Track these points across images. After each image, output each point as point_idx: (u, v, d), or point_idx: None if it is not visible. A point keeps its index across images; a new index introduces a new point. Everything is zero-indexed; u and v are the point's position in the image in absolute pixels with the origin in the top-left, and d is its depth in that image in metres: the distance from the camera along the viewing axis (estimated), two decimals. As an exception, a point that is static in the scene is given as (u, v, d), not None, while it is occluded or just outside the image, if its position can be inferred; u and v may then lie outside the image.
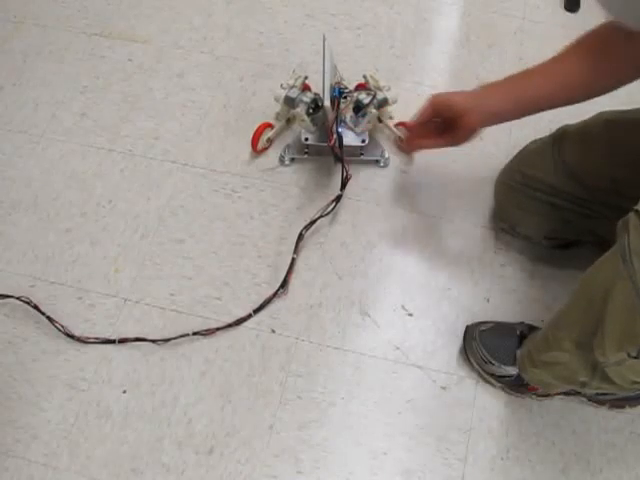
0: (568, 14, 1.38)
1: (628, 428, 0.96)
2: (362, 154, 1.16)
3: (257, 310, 1.03)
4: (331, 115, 1.04)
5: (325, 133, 1.09)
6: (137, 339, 1.01)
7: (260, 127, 1.16)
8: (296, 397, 0.98)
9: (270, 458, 0.93)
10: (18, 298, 1.04)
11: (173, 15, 1.39)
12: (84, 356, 1.01)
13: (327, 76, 1.02)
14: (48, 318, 1.02)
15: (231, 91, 1.28)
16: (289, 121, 1.21)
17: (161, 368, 1.00)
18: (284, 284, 1.04)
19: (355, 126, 1.13)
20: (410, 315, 1.03)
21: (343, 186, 1.07)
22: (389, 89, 1.13)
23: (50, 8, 1.40)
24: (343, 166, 1.05)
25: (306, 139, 1.14)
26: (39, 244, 1.11)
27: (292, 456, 0.94)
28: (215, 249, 1.10)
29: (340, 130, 1.06)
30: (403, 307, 1.04)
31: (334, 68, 1.12)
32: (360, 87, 1.18)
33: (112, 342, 1.01)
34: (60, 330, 1.02)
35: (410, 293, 1.06)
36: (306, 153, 1.17)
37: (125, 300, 1.06)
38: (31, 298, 1.04)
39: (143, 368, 1.00)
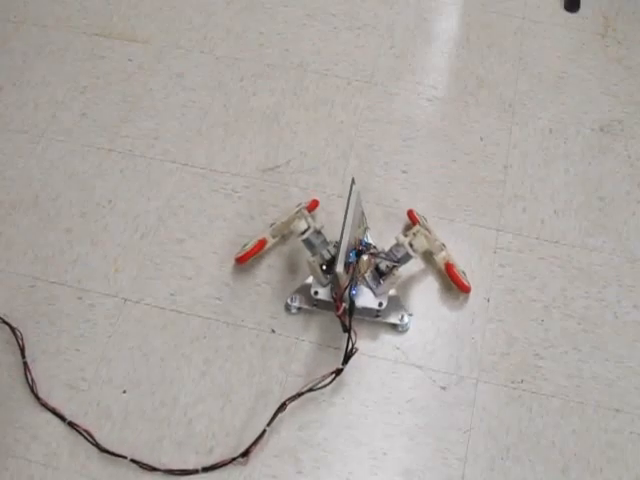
0: (568, 14, 1.38)
1: (628, 428, 0.96)
2: (378, 316, 1.02)
3: (207, 469, 0.92)
4: (343, 281, 0.92)
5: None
6: (87, 432, 0.94)
7: (255, 248, 1.05)
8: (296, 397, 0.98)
9: (270, 458, 0.93)
10: (12, 329, 1.02)
11: (173, 15, 1.39)
12: (84, 356, 1.01)
13: (346, 234, 0.91)
14: (24, 364, 0.99)
15: (231, 91, 1.28)
16: (284, 237, 1.10)
17: (161, 368, 1.00)
18: (246, 453, 0.92)
19: (375, 286, 1.00)
20: (410, 315, 1.03)
21: (346, 360, 0.94)
22: (417, 232, 1.00)
23: (50, 8, 1.40)
24: (349, 338, 0.93)
25: (316, 293, 1.01)
26: (39, 244, 1.11)
27: (292, 456, 0.94)
28: (215, 249, 1.10)
29: (354, 292, 0.96)
30: (403, 307, 1.04)
31: (359, 217, 1.01)
32: (411, 216, 1.08)
33: (63, 420, 0.95)
34: (28, 383, 0.98)
35: (410, 293, 1.06)
36: (315, 305, 1.03)
37: (125, 300, 1.06)
38: (23, 330, 1.01)
39: (143, 368, 1.00)
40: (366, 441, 0.95)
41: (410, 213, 1.10)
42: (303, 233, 0.98)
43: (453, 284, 1.04)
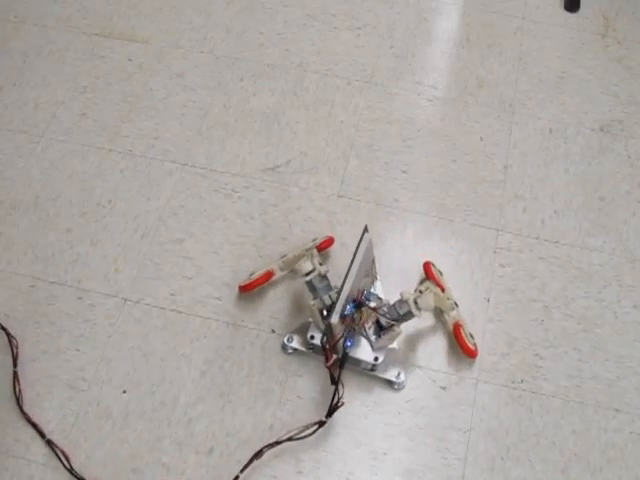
0: (568, 14, 1.38)
1: (628, 428, 0.96)
2: (373, 370, 0.97)
3: None
4: (337, 332, 0.89)
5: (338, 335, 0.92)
6: (63, 453, 0.92)
7: (260, 279, 1.03)
8: (296, 397, 0.98)
9: (270, 458, 0.93)
10: (8, 336, 1.00)
11: (173, 15, 1.39)
12: (84, 356, 1.01)
13: (348, 285, 0.88)
14: (14, 373, 0.98)
15: (231, 91, 1.28)
16: (293, 270, 1.03)
17: (161, 368, 1.00)
18: None
19: (374, 339, 0.96)
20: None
21: (330, 413, 0.90)
22: (427, 289, 0.95)
23: (50, 8, 1.40)
24: (336, 390, 0.90)
25: (312, 337, 0.97)
26: (39, 244, 1.11)
27: (292, 456, 0.94)
28: (215, 249, 1.10)
29: (349, 344, 0.91)
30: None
31: (369, 266, 0.98)
32: (427, 269, 1.04)
33: (43, 437, 0.94)
34: (15, 394, 0.96)
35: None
36: (310, 349, 0.99)
37: (125, 300, 1.06)
38: (20, 335, 1.01)
39: (143, 368, 1.00)
40: (366, 441, 0.95)
41: (426, 266, 1.05)
42: (307, 274, 0.95)
43: (459, 346, 0.99)
